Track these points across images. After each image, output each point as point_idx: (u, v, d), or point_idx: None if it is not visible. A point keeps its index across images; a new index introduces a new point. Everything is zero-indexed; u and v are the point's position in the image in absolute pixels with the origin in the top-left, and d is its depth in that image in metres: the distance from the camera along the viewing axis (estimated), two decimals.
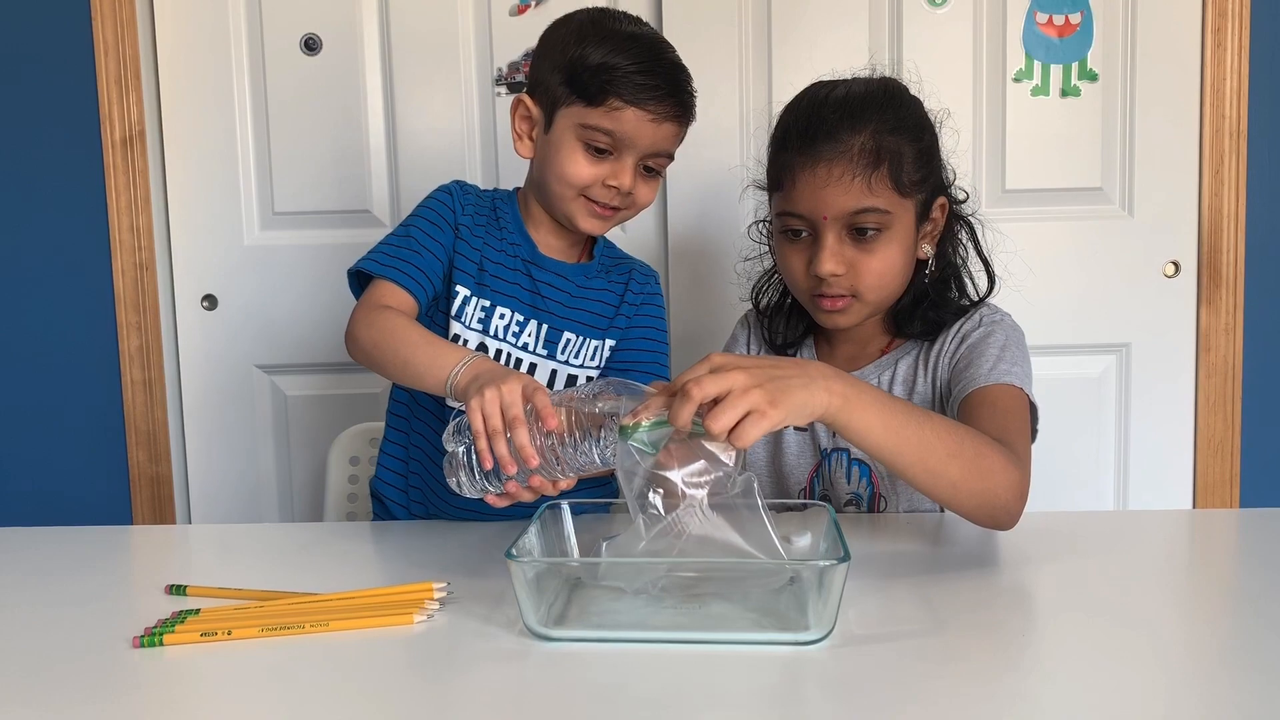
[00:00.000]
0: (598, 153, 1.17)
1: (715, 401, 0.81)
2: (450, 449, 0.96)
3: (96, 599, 0.93)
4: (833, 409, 0.87)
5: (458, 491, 0.96)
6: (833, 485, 1.22)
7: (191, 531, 1.39)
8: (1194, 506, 1.85)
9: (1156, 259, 1.84)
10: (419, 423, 1.29)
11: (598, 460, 0.89)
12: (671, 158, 1.22)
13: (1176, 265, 1.84)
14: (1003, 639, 0.80)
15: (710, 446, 0.83)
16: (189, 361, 1.95)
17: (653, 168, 1.20)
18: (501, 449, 0.89)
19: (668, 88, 1.16)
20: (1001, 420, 1.07)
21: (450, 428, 0.96)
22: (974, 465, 0.94)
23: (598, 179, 1.18)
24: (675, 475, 0.83)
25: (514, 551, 0.79)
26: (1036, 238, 1.82)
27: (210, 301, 1.93)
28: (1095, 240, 1.84)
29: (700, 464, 0.83)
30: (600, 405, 0.88)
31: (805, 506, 0.96)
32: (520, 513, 1.16)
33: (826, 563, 0.76)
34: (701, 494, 0.83)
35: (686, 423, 0.81)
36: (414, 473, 1.29)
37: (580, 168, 1.18)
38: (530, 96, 1.22)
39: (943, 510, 1.19)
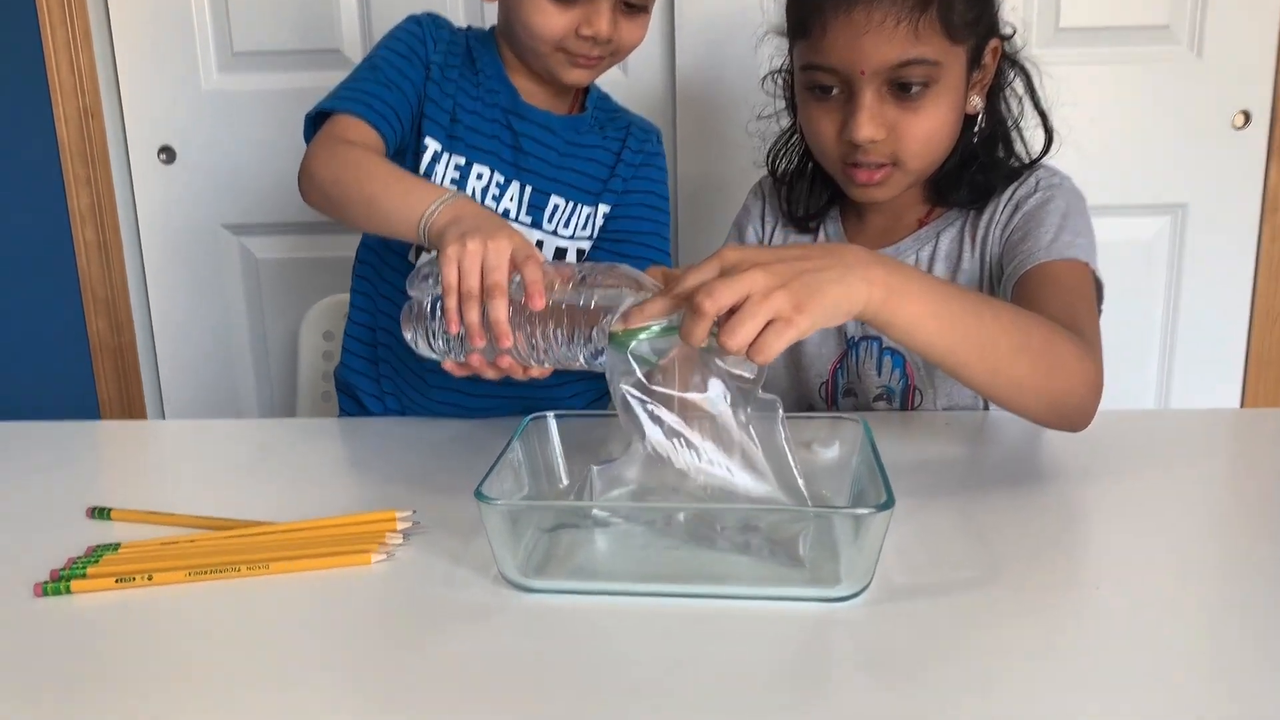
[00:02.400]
0: None
1: (731, 309, 0.65)
2: (414, 295, 0.81)
3: (3, 526, 0.80)
4: (874, 303, 0.71)
5: (412, 348, 0.82)
6: (860, 379, 1.08)
7: (133, 430, 1.25)
8: (1244, 382, 1.71)
9: (1225, 108, 1.63)
10: (384, 301, 1.13)
11: (581, 360, 0.74)
12: None
13: (1247, 115, 1.63)
14: (1070, 590, 0.67)
15: (723, 362, 0.68)
16: (148, 221, 1.77)
17: (634, 2, 1.01)
18: (473, 317, 0.74)
19: None
20: (1068, 301, 0.92)
21: (419, 271, 0.81)
22: (1043, 360, 0.80)
23: (570, 29, 1.00)
24: (683, 395, 0.68)
25: (485, 491, 0.65)
26: (1090, 83, 1.61)
27: (168, 154, 1.75)
28: (1157, 86, 1.63)
29: (713, 382, 0.68)
30: (598, 296, 0.72)
31: (835, 420, 0.81)
32: (504, 407, 1.03)
33: (865, 511, 0.62)
34: (712, 417, 0.68)
35: (701, 340, 0.66)
36: (384, 360, 1.15)
37: (549, 18, 0.99)
38: None
39: (986, 406, 1.05)
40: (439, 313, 0.77)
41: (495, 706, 0.55)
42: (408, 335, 0.82)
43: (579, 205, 1.11)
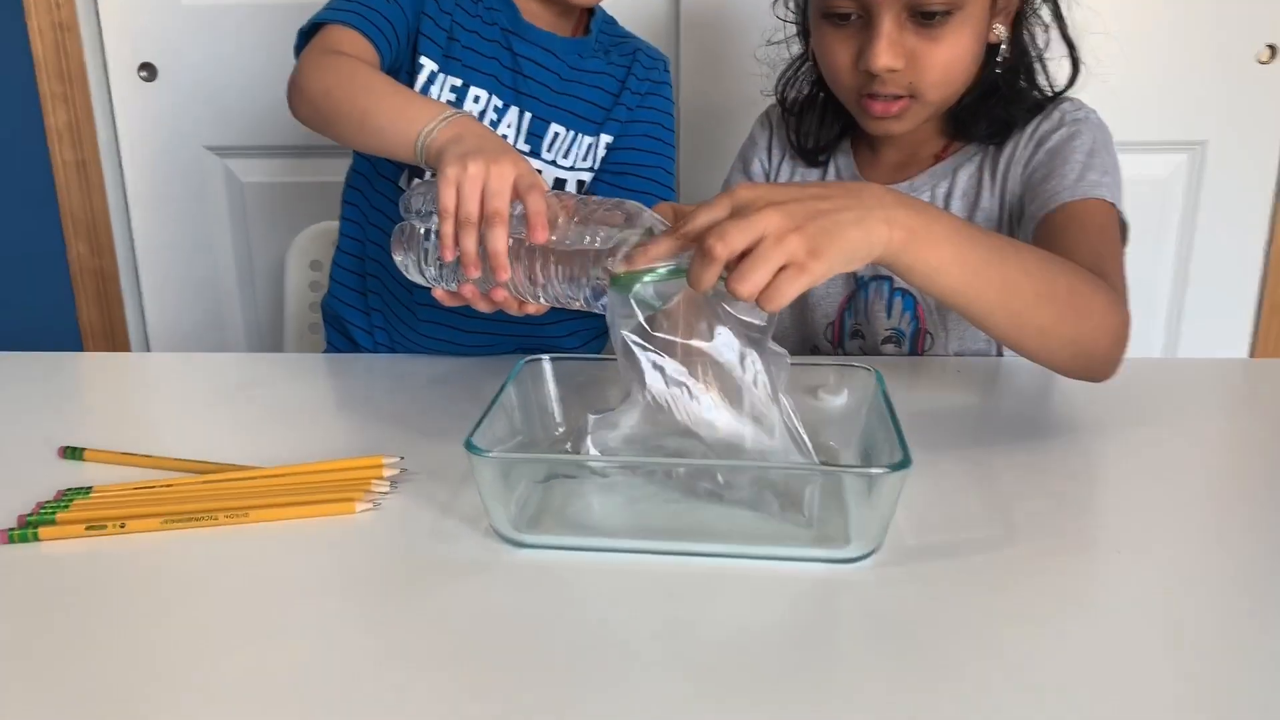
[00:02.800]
0: None
1: (743, 252, 0.61)
2: (408, 217, 0.77)
3: None
4: (895, 246, 0.66)
5: (403, 273, 0.79)
6: (868, 320, 1.03)
7: (112, 363, 1.21)
8: (1256, 328, 1.67)
9: (1249, 41, 1.56)
10: (375, 230, 1.08)
11: (581, 301, 0.70)
12: None
13: (1273, 49, 1.57)
14: (1087, 553, 0.63)
15: (731, 308, 0.63)
16: (130, 141, 1.71)
17: None
18: (469, 245, 0.70)
19: None
20: (1093, 244, 0.87)
21: (414, 194, 0.77)
22: (1068, 307, 0.75)
23: None
24: (687, 343, 0.64)
25: (476, 441, 0.61)
26: (1110, 14, 1.54)
27: (149, 71, 1.68)
28: (1178, 16, 1.56)
29: (719, 329, 0.64)
30: (603, 233, 0.68)
31: (844, 366, 0.77)
32: (497, 344, 1.00)
33: (880, 470, 0.58)
34: (718, 366, 0.64)
35: (709, 286, 0.61)
36: (373, 291, 1.10)
37: None
38: None
39: (999, 352, 1.01)
40: (433, 237, 0.73)
41: (483, 667, 0.52)
42: (398, 258, 0.78)
43: (580, 134, 1.06)
